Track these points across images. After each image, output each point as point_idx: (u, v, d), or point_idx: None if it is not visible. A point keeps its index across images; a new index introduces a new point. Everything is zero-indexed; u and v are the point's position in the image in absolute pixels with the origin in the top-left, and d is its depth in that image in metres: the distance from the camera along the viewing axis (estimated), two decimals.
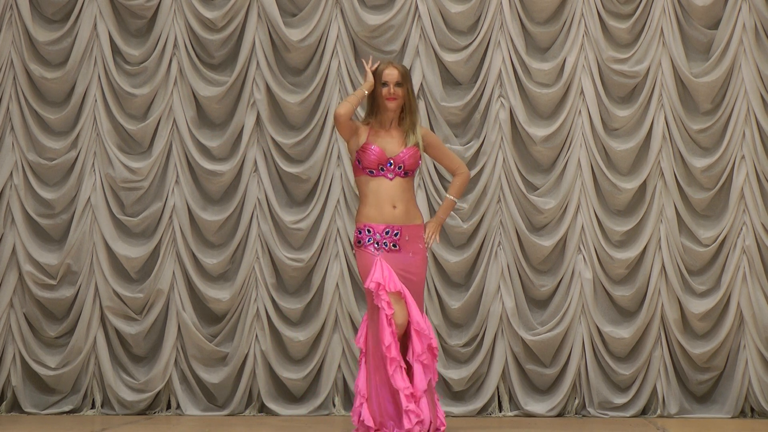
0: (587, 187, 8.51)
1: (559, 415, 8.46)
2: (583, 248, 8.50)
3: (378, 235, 6.75)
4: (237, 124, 8.61)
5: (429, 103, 8.55)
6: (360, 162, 6.80)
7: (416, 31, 8.57)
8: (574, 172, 8.52)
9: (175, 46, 8.62)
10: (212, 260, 8.59)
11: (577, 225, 8.51)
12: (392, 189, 6.80)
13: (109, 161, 8.62)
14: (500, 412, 8.49)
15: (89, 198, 8.60)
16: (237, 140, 8.62)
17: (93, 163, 8.65)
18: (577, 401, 8.49)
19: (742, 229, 8.45)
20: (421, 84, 8.54)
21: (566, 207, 8.52)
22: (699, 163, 8.48)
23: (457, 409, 8.45)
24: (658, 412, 8.43)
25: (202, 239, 8.64)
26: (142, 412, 8.54)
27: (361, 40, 8.58)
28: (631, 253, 8.47)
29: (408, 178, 6.83)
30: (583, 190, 8.52)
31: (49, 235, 8.67)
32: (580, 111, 8.54)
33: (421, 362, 6.69)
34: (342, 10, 8.59)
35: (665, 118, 8.50)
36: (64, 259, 8.58)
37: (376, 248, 6.75)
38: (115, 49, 8.67)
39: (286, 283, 8.60)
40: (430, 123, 8.52)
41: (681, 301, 8.43)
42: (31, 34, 8.63)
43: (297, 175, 8.58)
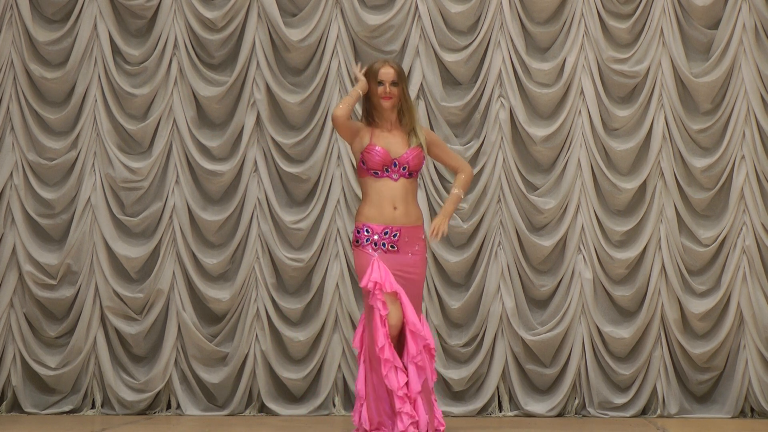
0: (587, 187, 8.51)
1: (559, 415, 8.46)
2: (583, 248, 8.50)
3: (376, 236, 6.73)
4: (237, 124, 8.61)
5: (429, 103, 8.54)
6: (365, 163, 6.77)
7: (416, 31, 8.57)
8: (574, 172, 8.52)
9: (175, 46, 8.62)
10: (212, 260, 8.59)
11: (577, 225, 8.51)
12: (396, 190, 6.78)
13: (109, 161, 8.63)
14: (500, 412, 8.49)
15: (89, 198, 8.60)
16: (237, 140, 8.63)
17: (93, 163, 8.65)
18: (577, 401, 8.49)
19: (742, 229, 8.45)
20: (421, 84, 8.54)
21: (566, 207, 8.52)
22: (699, 163, 8.48)
23: (457, 409, 8.45)
24: (658, 412, 8.43)
25: (202, 239, 8.64)
26: (142, 412, 8.54)
27: (361, 40, 8.58)
28: (631, 253, 8.47)
29: (412, 179, 6.82)
30: (583, 190, 8.52)
31: (49, 235, 8.67)
32: (580, 111, 8.54)
33: (415, 364, 6.67)
34: (342, 10, 8.59)
35: (665, 118, 8.50)
36: (64, 259, 8.58)
37: (374, 248, 6.74)
38: (115, 49, 8.67)
39: (286, 283, 8.60)
40: (430, 123, 8.52)
41: (681, 301, 8.43)
42: (31, 34, 8.63)
43: (297, 175, 8.58)
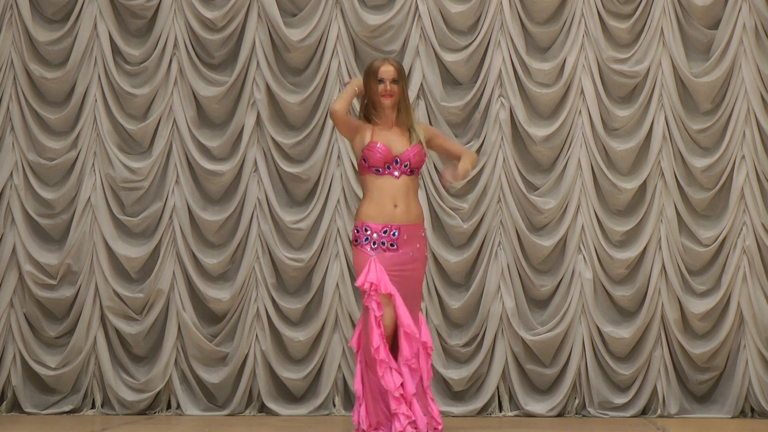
0: (587, 187, 8.51)
1: (559, 415, 8.46)
2: (583, 248, 8.50)
3: (376, 235, 6.73)
4: (237, 124, 8.61)
5: (429, 103, 8.54)
6: (366, 161, 6.76)
7: (416, 31, 8.57)
8: (574, 172, 8.52)
9: (175, 46, 8.62)
10: (212, 260, 8.60)
11: (577, 225, 8.51)
12: (397, 187, 6.77)
13: (109, 161, 8.63)
14: (500, 412, 8.49)
15: (89, 198, 8.60)
16: (237, 140, 8.63)
17: (93, 163, 8.65)
18: (577, 401, 8.49)
19: (742, 229, 8.45)
20: (421, 84, 8.54)
21: (566, 207, 8.52)
22: (699, 163, 8.48)
23: (457, 409, 8.45)
24: (658, 412, 8.43)
25: (202, 239, 8.64)
26: (142, 412, 8.54)
27: (361, 40, 8.58)
28: (631, 253, 8.47)
29: (413, 176, 6.81)
30: (583, 190, 8.52)
31: (49, 235, 8.67)
32: (580, 111, 8.54)
33: (409, 366, 6.66)
34: (342, 10, 8.59)
35: (665, 118, 8.50)
36: (64, 259, 8.58)
37: (373, 248, 6.73)
38: (115, 49, 8.67)
39: (286, 283, 8.60)
40: (430, 123, 8.52)
41: (681, 301, 8.43)
42: (31, 34, 8.63)
43: (297, 175, 8.58)
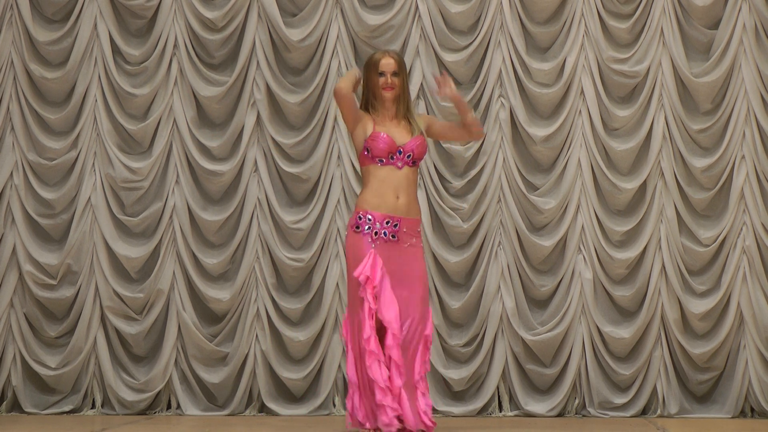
0: (587, 187, 8.51)
1: (560, 415, 8.46)
2: (583, 248, 8.50)
3: (378, 224, 6.71)
4: (237, 124, 8.61)
5: (429, 103, 8.54)
6: (369, 151, 6.74)
7: (416, 31, 8.57)
8: (574, 172, 8.52)
9: (176, 46, 8.62)
10: (212, 260, 8.60)
11: (577, 225, 8.51)
12: (399, 179, 6.75)
13: (110, 161, 8.63)
14: (500, 412, 8.49)
15: (89, 198, 8.60)
16: (237, 140, 8.63)
17: (93, 163, 8.65)
18: (577, 401, 8.49)
19: (742, 229, 8.45)
20: (421, 84, 8.54)
21: (566, 207, 8.52)
22: (699, 163, 8.48)
23: (457, 409, 8.45)
24: (658, 412, 8.43)
25: (203, 239, 8.64)
26: (143, 412, 8.54)
27: (361, 40, 8.58)
28: (631, 253, 8.47)
29: (415, 168, 6.79)
30: (583, 190, 8.52)
31: (49, 235, 8.67)
32: (580, 111, 8.54)
33: (393, 358, 6.61)
34: (342, 10, 8.59)
35: (665, 118, 8.50)
36: (65, 259, 8.58)
37: (374, 237, 6.71)
38: (115, 49, 8.68)
39: (287, 283, 8.60)
40: None
41: (681, 301, 8.43)
42: (32, 34, 8.63)
43: (297, 175, 8.58)
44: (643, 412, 8.46)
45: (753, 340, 8.39)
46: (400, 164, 6.76)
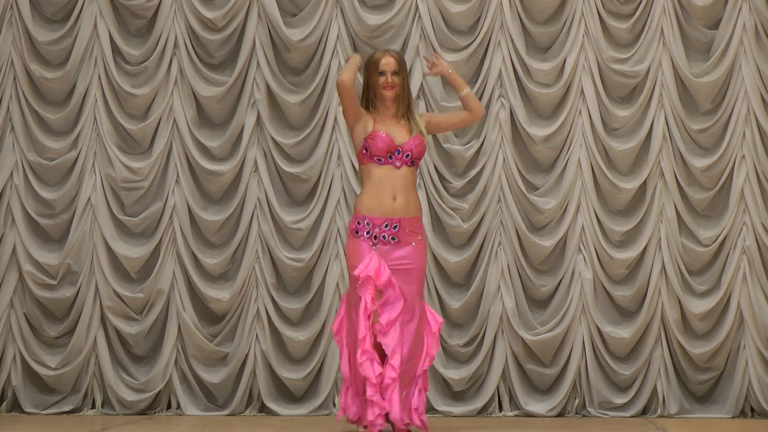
0: (587, 187, 8.51)
1: (560, 415, 8.46)
2: (583, 248, 8.50)
3: (377, 228, 6.72)
4: (237, 124, 8.61)
5: (429, 103, 8.54)
6: (368, 150, 6.75)
7: (416, 31, 8.57)
8: (574, 172, 8.52)
9: (176, 46, 8.62)
10: (212, 260, 8.59)
11: (577, 225, 8.51)
12: (397, 178, 6.76)
13: (110, 161, 8.63)
14: (500, 412, 8.49)
15: (89, 198, 8.60)
16: (237, 140, 8.63)
17: (93, 163, 8.65)
18: (577, 401, 8.49)
19: (742, 229, 8.45)
20: (421, 84, 8.54)
21: (566, 207, 8.52)
22: (699, 163, 8.48)
23: (457, 409, 8.45)
24: (658, 412, 8.43)
25: (203, 239, 8.64)
26: (143, 412, 8.54)
27: (361, 40, 8.58)
28: (631, 253, 8.47)
29: (414, 167, 6.80)
30: (583, 190, 8.52)
31: (49, 235, 8.67)
32: (580, 111, 8.54)
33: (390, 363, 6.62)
34: (342, 10, 8.59)
35: (665, 118, 8.50)
36: (65, 259, 8.58)
37: (374, 242, 6.72)
38: (115, 49, 8.67)
39: (287, 283, 8.60)
40: None
41: (681, 301, 8.43)
42: (32, 34, 8.63)
43: (297, 175, 8.58)
44: (643, 412, 8.46)
45: (753, 340, 8.38)
46: (398, 164, 6.76)
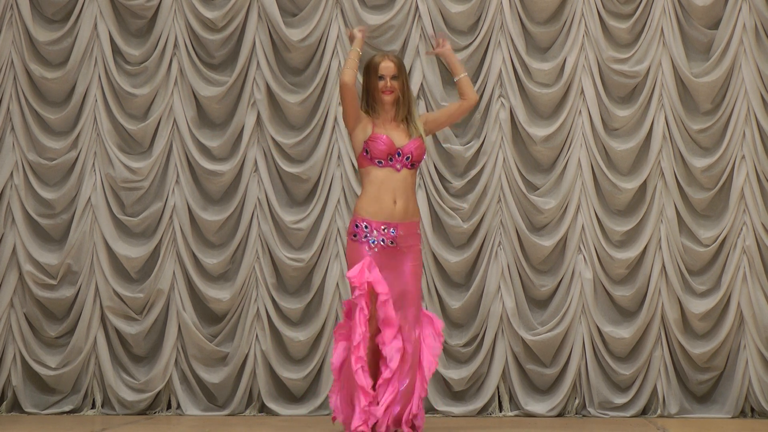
0: (587, 187, 8.51)
1: (560, 415, 8.46)
2: (583, 248, 8.50)
3: (376, 232, 6.73)
4: (237, 124, 8.61)
5: (429, 103, 8.54)
6: (368, 152, 6.76)
7: (416, 31, 8.57)
8: (574, 172, 8.52)
9: (176, 46, 8.62)
10: (212, 260, 8.59)
11: (578, 225, 8.51)
12: (397, 181, 6.77)
13: (110, 161, 8.63)
14: (500, 412, 8.49)
15: (89, 198, 8.60)
16: (237, 140, 8.63)
17: (93, 163, 8.65)
18: (577, 401, 8.49)
19: (742, 229, 8.45)
20: (421, 84, 8.54)
21: (566, 207, 8.52)
22: (699, 163, 8.48)
23: (457, 409, 8.45)
24: (659, 412, 8.43)
25: (203, 239, 8.64)
26: (143, 412, 8.54)
27: None
28: (632, 253, 8.47)
29: (413, 170, 6.82)
30: (583, 190, 8.52)
31: (49, 235, 8.67)
32: (581, 111, 8.54)
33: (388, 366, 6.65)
34: (342, 10, 8.59)
35: (665, 118, 8.50)
36: (65, 259, 8.58)
37: (371, 246, 6.73)
38: (115, 49, 8.67)
39: (287, 283, 8.60)
40: None
41: (681, 301, 8.43)
42: (32, 34, 8.63)
43: (297, 175, 8.58)
44: (643, 412, 8.46)
45: (753, 340, 8.38)
46: (398, 166, 6.78)
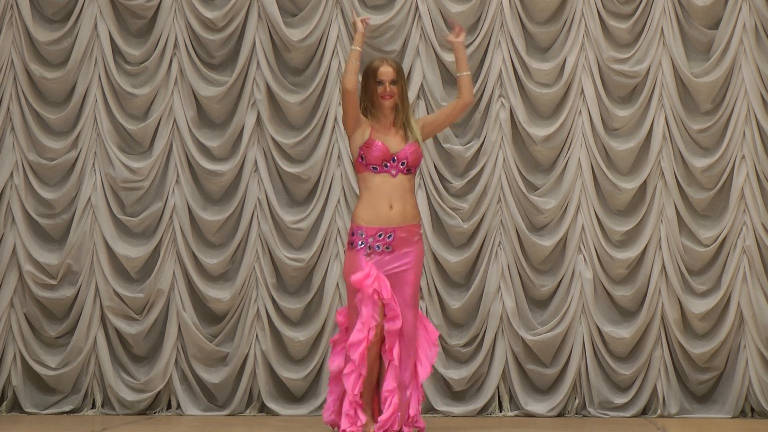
0: (587, 187, 8.51)
1: (560, 415, 8.46)
2: (583, 248, 8.51)
3: (371, 239, 6.75)
4: (237, 124, 8.61)
5: (429, 103, 8.55)
6: (363, 158, 6.77)
7: (416, 31, 8.57)
8: (574, 172, 8.52)
9: (176, 46, 8.63)
10: (212, 260, 8.60)
11: (578, 225, 8.51)
12: (394, 187, 6.78)
13: (110, 161, 8.63)
14: (500, 412, 8.49)
15: (89, 198, 8.61)
16: (237, 140, 8.63)
17: (93, 163, 8.65)
18: (577, 401, 8.49)
19: (742, 229, 8.45)
20: (422, 84, 8.54)
21: (566, 207, 8.52)
22: (699, 163, 8.48)
23: (457, 409, 8.45)
24: (659, 412, 8.43)
25: (203, 239, 8.64)
26: (143, 412, 8.54)
27: None
28: (632, 253, 8.47)
29: (411, 175, 6.82)
30: (583, 190, 8.52)
31: (49, 235, 8.67)
32: (581, 111, 8.54)
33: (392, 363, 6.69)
34: (342, 10, 8.60)
35: (665, 118, 8.50)
36: (65, 259, 8.58)
37: (368, 252, 6.74)
38: (115, 49, 8.68)
39: (287, 283, 8.60)
40: None
41: (681, 301, 8.43)
42: (32, 34, 8.63)
43: (297, 175, 8.58)
44: (644, 412, 8.46)
45: (753, 340, 8.38)
46: (394, 172, 6.79)
